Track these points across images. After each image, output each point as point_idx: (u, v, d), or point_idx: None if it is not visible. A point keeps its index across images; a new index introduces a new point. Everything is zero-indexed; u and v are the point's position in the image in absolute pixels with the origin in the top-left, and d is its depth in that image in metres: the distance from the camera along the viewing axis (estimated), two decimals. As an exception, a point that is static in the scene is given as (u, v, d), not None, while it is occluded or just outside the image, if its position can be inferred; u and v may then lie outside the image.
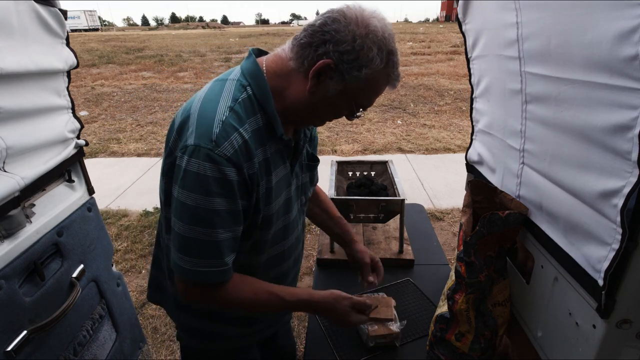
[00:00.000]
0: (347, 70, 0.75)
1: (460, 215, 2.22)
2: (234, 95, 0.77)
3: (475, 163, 1.46)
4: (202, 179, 0.72)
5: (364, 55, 0.74)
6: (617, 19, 0.63)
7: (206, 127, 0.73)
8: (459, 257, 1.02)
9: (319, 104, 0.81)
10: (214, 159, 0.72)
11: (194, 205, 0.74)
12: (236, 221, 0.78)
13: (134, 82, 10.22)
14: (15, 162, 1.06)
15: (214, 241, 0.76)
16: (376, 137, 5.64)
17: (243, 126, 0.76)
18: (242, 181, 0.76)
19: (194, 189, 0.73)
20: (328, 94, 0.79)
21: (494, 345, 1.08)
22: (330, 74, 0.76)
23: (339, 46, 0.74)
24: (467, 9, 1.34)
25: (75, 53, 1.29)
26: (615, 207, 0.68)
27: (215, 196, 0.73)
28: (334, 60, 0.75)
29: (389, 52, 0.76)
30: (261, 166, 0.80)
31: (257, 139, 0.78)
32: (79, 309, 1.29)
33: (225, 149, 0.72)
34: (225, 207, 0.75)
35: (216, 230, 0.76)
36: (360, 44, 0.73)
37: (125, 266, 2.87)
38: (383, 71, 0.77)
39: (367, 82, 0.78)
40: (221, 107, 0.76)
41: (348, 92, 0.79)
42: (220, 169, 0.72)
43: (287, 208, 0.93)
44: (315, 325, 1.29)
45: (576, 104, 0.78)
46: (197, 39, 23.52)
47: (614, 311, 0.71)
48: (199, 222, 0.75)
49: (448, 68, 10.90)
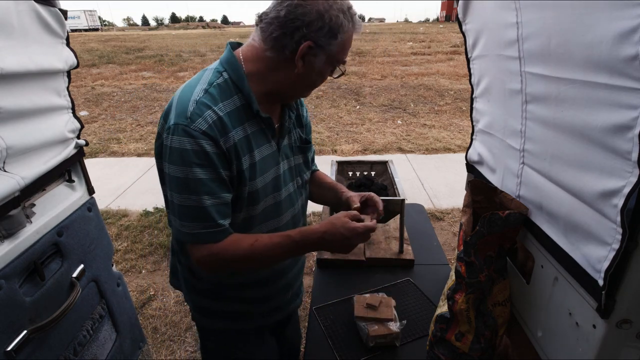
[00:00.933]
0: (327, 43, 0.85)
1: (460, 215, 2.22)
2: (210, 80, 0.88)
3: (476, 163, 1.46)
4: (183, 153, 0.82)
5: (335, 25, 0.84)
6: (617, 19, 0.63)
7: (182, 107, 0.84)
8: (459, 257, 1.02)
9: (307, 78, 0.91)
10: (190, 133, 0.81)
11: (181, 177, 0.83)
12: (221, 188, 0.86)
13: (134, 82, 10.22)
14: (16, 162, 1.06)
15: (203, 207, 0.85)
16: (376, 137, 5.64)
17: (217, 105, 0.85)
18: (221, 153, 0.85)
19: (178, 162, 0.83)
20: (315, 68, 0.89)
21: (494, 345, 1.08)
22: (313, 52, 0.86)
23: (312, 26, 0.82)
24: (467, 9, 1.34)
25: (75, 53, 1.29)
26: (615, 207, 0.68)
27: (195, 167, 0.83)
28: (313, 39, 0.84)
29: (349, 9, 0.86)
30: (242, 142, 0.88)
31: (235, 118, 0.88)
32: (79, 309, 1.29)
33: (200, 124, 0.82)
34: (207, 176, 0.84)
35: (201, 197, 0.84)
36: (329, 17, 0.83)
37: (126, 266, 2.87)
38: (352, 28, 0.88)
39: (346, 43, 0.89)
40: (197, 90, 0.86)
41: (331, 58, 0.89)
42: (197, 142, 0.81)
43: (277, 186, 1.00)
44: (315, 325, 1.29)
45: (576, 104, 0.78)
46: (197, 39, 23.51)
47: (614, 311, 0.71)
48: (187, 190, 0.84)
49: (448, 68, 10.90)
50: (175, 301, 2.52)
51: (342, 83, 9.28)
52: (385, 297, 1.31)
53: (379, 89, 8.62)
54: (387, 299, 1.29)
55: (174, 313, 2.41)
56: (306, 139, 1.10)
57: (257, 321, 1.12)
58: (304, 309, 2.41)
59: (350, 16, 0.86)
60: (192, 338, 2.23)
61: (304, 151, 1.09)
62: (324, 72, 0.92)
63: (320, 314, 1.34)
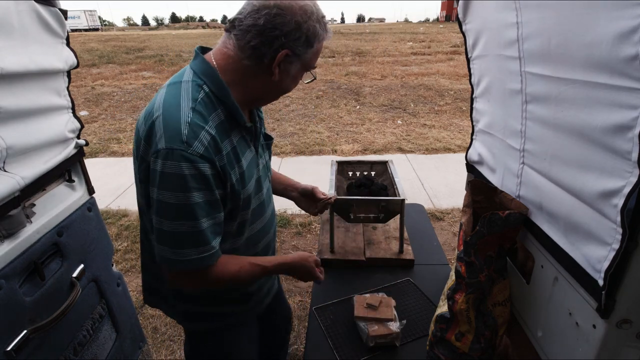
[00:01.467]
0: (303, 52, 0.87)
1: (460, 215, 2.22)
2: (193, 96, 0.84)
3: (476, 163, 1.46)
4: (180, 178, 0.79)
5: (312, 34, 0.86)
6: (617, 19, 0.63)
7: (174, 130, 0.79)
8: (459, 257, 1.02)
9: (282, 85, 0.92)
10: (189, 158, 0.78)
11: (176, 203, 0.80)
12: (216, 209, 0.86)
13: (134, 82, 10.22)
14: (16, 162, 1.06)
15: (200, 230, 0.83)
16: (376, 137, 5.64)
17: (208, 124, 0.83)
18: (216, 173, 0.84)
19: (173, 188, 0.79)
20: (290, 75, 0.90)
21: (494, 345, 1.08)
22: (289, 60, 0.87)
23: (290, 36, 0.83)
24: (468, 9, 1.34)
25: (75, 53, 1.29)
26: (615, 207, 0.68)
27: (193, 191, 0.80)
28: (290, 48, 0.85)
29: (322, 18, 0.88)
30: (229, 156, 0.88)
31: (222, 132, 0.86)
32: (79, 309, 1.29)
33: (197, 148, 0.79)
34: (203, 199, 0.82)
35: (199, 220, 0.83)
36: (307, 28, 0.84)
37: (126, 266, 2.87)
38: (325, 36, 0.90)
39: (316, 51, 0.91)
40: (183, 109, 0.82)
41: (305, 65, 0.91)
42: (196, 166, 0.79)
43: (259, 187, 1.03)
44: (315, 325, 1.29)
45: (576, 104, 0.78)
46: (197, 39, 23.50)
47: (614, 311, 0.71)
48: (183, 217, 0.81)
49: (448, 68, 10.90)
50: (175, 301, 2.52)
51: (342, 83, 9.28)
52: (385, 297, 1.31)
53: (379, 89, 8.62)
54: (387, 299, 1.29)
55: (174, 313, 2.41)
56: (267, 135, 1.12)
57: (247, 315, 1.16)
58: (304, 308, 2.41)
59: (324, 25, 0.88)
60: (192, 338, 2.23)
61: (269, 147, 1.14)
62: (297, 78, 0.94)
63: (320, 314, 1.34)
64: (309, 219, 3.47)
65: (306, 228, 3.35)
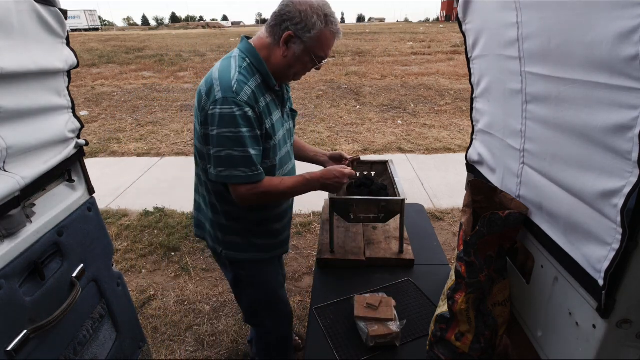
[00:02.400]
0: (302, 35, 1.16)
1: (460, 215, 2.21)
2: (239, 64, 1.18)
3: (476, 163, 1.46)
4: (233, 117, 1.11)
5: (309, 22, 1.14)
6: (617, 19, 0.63)
7: (227, 84, 1.13)
8: (459, 257, 1.02)
9: (291, 62, 1.21)
10: (238, 103, 1.11)
11: (230, 135, 1.12)
12: (258, 142, 1.19)
13: (134, 81, 10.22)
14: (16, 161, 1.06)
15: (249, 155, 1.15)
16: (376, 137, 5.64)
17: (249, 82, 1.16)
18: (256, 117, 1.16)
19: (229, 124, 1.12)
20: (295, 54, 1.19)
21: (494, 345, 1.08)
22: (293, 40, 1.17)
23: (293, 21, 1.15)
24: (468, 8, 1.34)
25: (75, 53, 1.29)
26: (615, 207, 0.68)
27: (242, 127, 1.13)
28: (293, 30, 1.16)
29: (325, 15, 1.16)
30: (265, 109, 1.20)
31: (259, 91, 1.19)
32: (79, 309, 1.29)
33: (243, 96, 1.12)
34: (249, 133, 1.15)
35: (247, 148, 1.15)
36: (304, 15, 1.14)
37: (126, 266, 2.87)
38: (326, 29, 1.17)
39: (318, 39, 1.17)
40: (233, 72, 1.16)
41: (308, 49, 1.18)
42: (243, 109, 1.12)
43: (284, 141, 1.36)
44: (315, 325, 1.29)
45: (576, 104, 0.78)
46: (197, 38, 23.51)
47: (614, 311, 0.71)
48: (236, 145, 1.14)
49: (448, 68, 10.90)
50: (175, 301, 2.52)
51: (342, 83, 9.28)
52: (385, 297, 1.31)
53: (379, 89, 8.62)
54: (387, 299, 1.29)
55: (174, 313, 2.41)
56: (292, 109, 1.46)
57: (273, 251, 1.45)
58: (304, 308, 2.41)
59: (325, 20, 1.15)
60: (192, 338, 2.23)
61: (294, 118, 1.47)
62: (304, 59, 1.20)
63: (321, 314, 1.34)
64: (309, 219, 3.47)
65: (306, 228, 3.35)
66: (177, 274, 2.79)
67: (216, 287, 2.65)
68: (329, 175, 1.34)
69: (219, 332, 2.27)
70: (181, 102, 7.97)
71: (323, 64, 1.25)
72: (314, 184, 1.33)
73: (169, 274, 2.80)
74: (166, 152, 5.27)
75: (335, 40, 1.23)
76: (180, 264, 2.88)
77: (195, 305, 2.48)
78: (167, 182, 4.32)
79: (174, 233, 3.27)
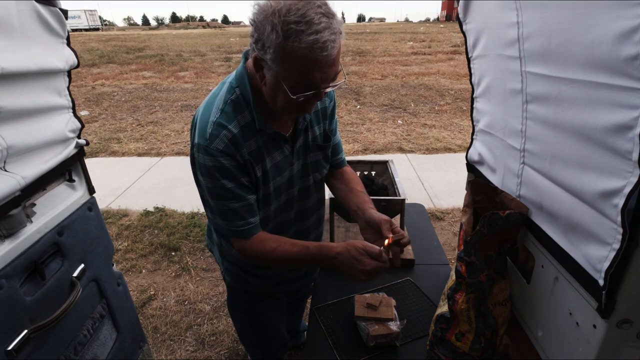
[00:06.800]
0: (264, 56, 0.80)
1: (460, 215, 2.21)
2: (225, 98, 0.95)
3: (476, 163, 1.46)
4: (208, 169, 0.94)
5: (265, 36, 0.76)
6: (617, 19, 0.63)
7: (202, 128, 0.93)
8: (459, 256, 1.02)
9: (271, 93, 0.88)
10: (211, 152, 0.92)
11: (211, 186, 0.97)
12: (246, 192, 0.99)
13: (134, 81, 10.22)
14: (16, 161, 1.06)
15: (231, 209, 0.98)
16: (377, 137, 5.64)
17: (232, 123, 0.93)
18: (238, 165, 0.95)
19: (207, 175, 0.95)
20: (270, 82, 0.85)
21: (494, 345, 1.08)
22: (261, 64, 0.84)
23: (254, 36, 0.80)
24: (468, 8, 1.33)
25: (75, 53, 1.29)
26: (615, 207, 0.68)
27: (220, 179, 0.94)
28: (257, 51, 0.81)
29: (284, 23, 0.73)
30: (253, 154, 0.97)
31: (248, 131, 0.95)
32: (80, 309, 1.29)
33: (218, 144, 0.91)
34: (232, 184, 0.96)
35: (229, 202, 0.97)
36: (259, 27, 0.77)
37: (126, 266, 2.87)
38: (288, 44, 0.74)
39: (282, 62, 0.78)
40: (214, 109, 0.94)
41: (279, 76, 0.81)
42: (217, 159, 0.92)
43: (291, 184, 1.11)
44: (315, 325, 1.29)
45: (577, 104, 0.78)
46: (198, 38, 23.51)
47: (614, 311, 0.71)
48: (218, 197, 0.98)
49: (449, 68, 10.89)
50: (176, 301, 2.52)
51: (343, 83, 9.28)
52: (386, 297, 1.31)
53: (380, 89, 8.62)
54: (388, 299, 1.29)
55: (174, 313, 2.41)
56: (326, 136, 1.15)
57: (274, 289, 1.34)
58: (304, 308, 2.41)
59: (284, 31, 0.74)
60: (193, 337, 2.23)
61: (323, 149, 1.15)
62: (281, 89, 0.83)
63: (321, 314, 1.34)
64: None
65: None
66: (177, 273, 2.79)
67: (216, 287, 2.65)
68: (346, 257, 0.94)
69: (219, 331, 2.27)
70: (181, 102, 7.97)
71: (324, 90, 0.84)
72: (320, 261, 1.01)
73: (169, 273, 2.80)
74: (166, 152, 5.28)
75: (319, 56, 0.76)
76: (180, 264, 2.88)
77: (195, 305, 2.48)
78: (167, 182, 4.32)
79: (174, 233, 3.27)
